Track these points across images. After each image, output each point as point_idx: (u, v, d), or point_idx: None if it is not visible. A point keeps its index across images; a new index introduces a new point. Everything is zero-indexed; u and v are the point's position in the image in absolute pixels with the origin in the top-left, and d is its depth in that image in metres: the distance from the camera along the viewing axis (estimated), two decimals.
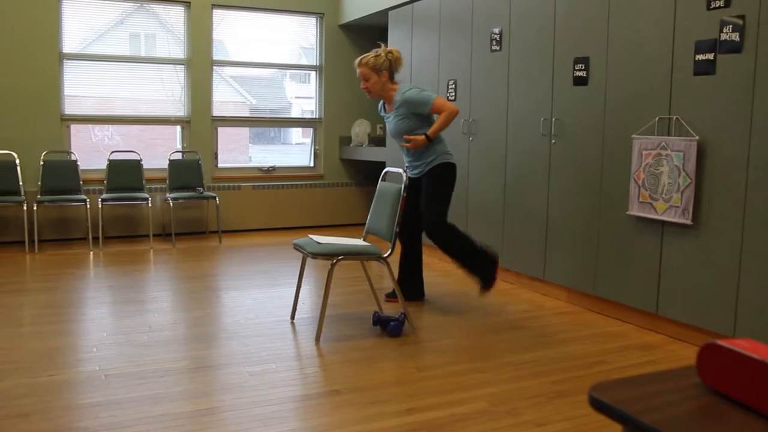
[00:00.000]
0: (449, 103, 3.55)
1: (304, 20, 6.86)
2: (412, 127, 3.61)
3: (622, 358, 3.03)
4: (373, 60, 3.57)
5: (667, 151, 3.25)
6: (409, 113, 3.57)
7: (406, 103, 3.56)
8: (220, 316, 3.64)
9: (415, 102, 3.55)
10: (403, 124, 3.60)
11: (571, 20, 3.84)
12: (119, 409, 2.38)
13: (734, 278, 2.99)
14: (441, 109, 3.54)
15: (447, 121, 3.55)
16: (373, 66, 3.56)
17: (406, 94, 3.56)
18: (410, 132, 3.63)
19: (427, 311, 3.78)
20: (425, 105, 3.55)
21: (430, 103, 3.54)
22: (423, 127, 3.63)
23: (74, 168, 5.78)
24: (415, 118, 3.60)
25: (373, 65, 3.56)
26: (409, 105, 3.56)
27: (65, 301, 3.91)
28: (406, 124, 3.60)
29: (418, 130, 3.63)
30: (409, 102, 3.55)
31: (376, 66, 3.57)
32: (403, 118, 3.60)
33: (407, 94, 3.56)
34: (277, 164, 6.83)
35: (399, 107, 3.59)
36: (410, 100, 3.55)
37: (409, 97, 3.56)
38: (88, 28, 5.95)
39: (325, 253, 3.19)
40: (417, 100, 3.54)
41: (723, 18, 2.98)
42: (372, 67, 3.56)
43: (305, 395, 2.55)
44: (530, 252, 4.26)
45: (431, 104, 3.54)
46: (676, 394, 0.86)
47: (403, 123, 3.60)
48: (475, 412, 2.42)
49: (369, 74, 3.58)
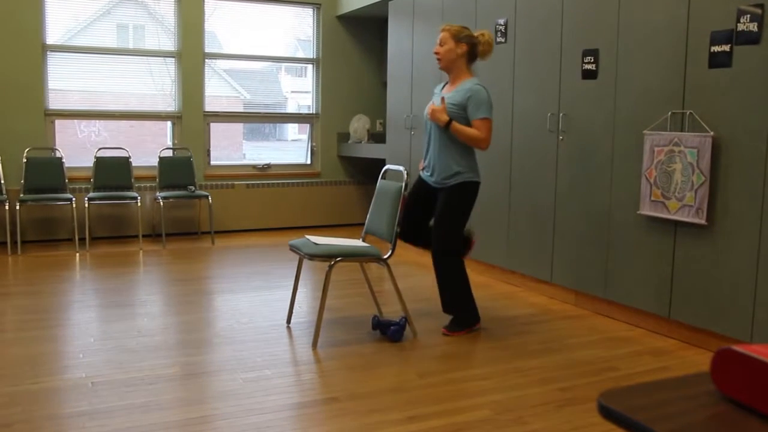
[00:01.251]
0: (490, 135, 3.32)
1: (300, 11, 6.82)
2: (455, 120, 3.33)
3: (633, 364, 3.01)
4: (458, 28, 3.38)
5: (680, 147, 3.19)
6: (462, 107, 3.32)
7: (470, 93, 3.29)
8: (213, 321, 3.60)
9: (476, 100, 3.28)
10: (451, 111, 3.34)
11: (579, 11, 3.81)
12: (107, 419, 2.36)
13: (751, 281, 2.95)
14: (480, 129, 3.28)
15: (471, 138, 3.29)
16: (455, 33, 3.36)
17: (478, 87, 3.32)
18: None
19: (428, 315, 3.75)
20: (479, 111, 3.28)
21: (482, 114, 3.28)
22: None
23: (59, 165, 5.72)
24: (465, 115, 3.33)
25: (455, 33, 3.36)
26: (471, 99, 3.29)
27: (50, 305, 3.87)
28: (453, 112, 3.33)
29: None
30: (474, 96, 3.29)
31: (458, 35, 3.36)
32: (456, 105, 3.33)
33: (478, 87, 3.31)
34: (273, 162, 6.78)
35: (461, 93, 3.33)
36: (475, 95, 3.29)
37: (477, 92, 3.29)
38: (73, 19, 5.89)
39: (323, 254, 3.16)
40: (480, 100, 3.28)
41: (740, 7, 2.93)
42: (453, 33, 3.36)
43: (302, 403, 2.53)
44: (536, 253, 4.22)
45: (482, 116, 3.28)
46: (690, 401, 0.85)
47: (451, 109, 3.34)
48: (478, 420, 2.40)
49: (447, 40, 3.36)
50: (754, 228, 2.92)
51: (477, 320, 3.46)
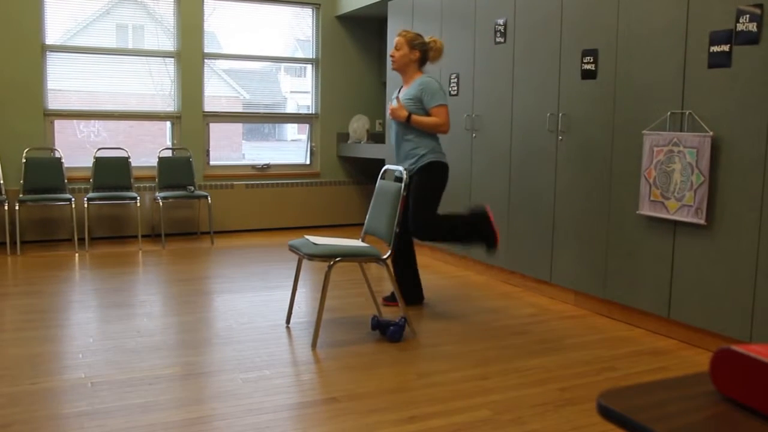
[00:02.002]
0: (448, 120, 3.66)
1: (299, 11, 6.80)
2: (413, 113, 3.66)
3: (633, 364, 3.00)
4: (413, 35, 3.74)
5: (679, 147, 3.18)
6: (417, 99, 3.66)
7: (422, 86, 3.65)
8: (213, 321, 3.59)
9: (429, 90, 3.63)
10: (407, 105, 3.68)
11: (578, 11, 3.80)
12: (107, 419, 2.35)
13: (750, 281, 2.94)
14: (438, 115, 3.62)
15: (430, 126, 3.63)
16: (410, 40, 3.72)
17: (428, 79, 3.68)
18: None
19: (428, 315, 3.75)
20: (434, 99, 3.62)
21: (437, 102, 3.63)
22: None
23: (58, 166, 5.70)
24: (420, 107, 3.67)
25: (409, 39, 3.73)
26: (423, 90, 3.64)
27: (49, 305, 3.86)
28: (410, 105, 3.67)
29: None
30: (425, 88, 3.64)
31: (412, 42, 3.72)
32: (411, 99, 3.67)
33: (429, 80, 3.67)
34: (272, 162, 6.77)
35: (414, 87, 3.69)
36: (427, 87, 3.64)
37: (429, 83, 3.65)
38: (73, 19, 5.88)
39: (322, 254, 3.15)
40: (432, 90, 3.63)
41: (739, 7, 2.93)
42: (408, 40, 3.72)
43: (301, 403, 2.53)
44: (536, 253, 4.21)
45: (437, 104, 3.63)
46: (689, 402, 0.85)
47: (407, 103, 3.68)
48: (477, 420, 2.39)
49: (402, 45, 3.73)
50: (753, 228, 2.91)
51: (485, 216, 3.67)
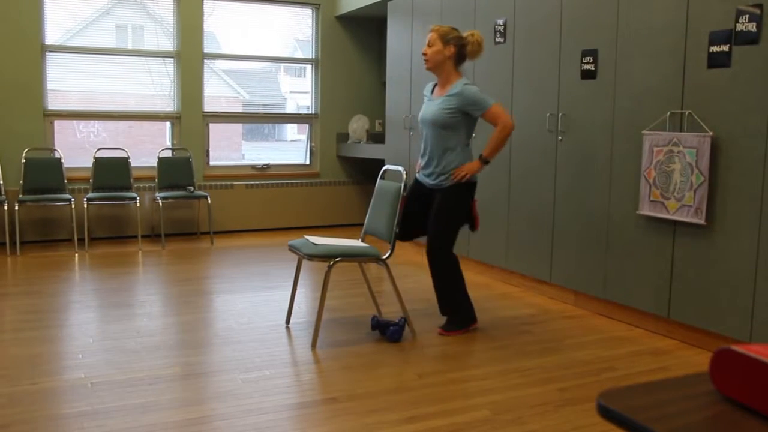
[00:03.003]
0: (508, 116, 3.28)
1: (299, 11, 6.80)
2: (450, 125, 3.31)
3: (632, 364, 3.00)
4: (446, 29, 3.35)
5: (679, 147, 3.18)
6: (458, 109, 3.29)
7: (463, 95, 3.28)
8: (212, 321, 3.59)
9: (471, 99, 3.27)
10: (445, 116, 3.30)
11: (578, 11, 3.79)
12: (106, 419, 2.35)
13: (750, 281, 2.94)
14: (496, 119, 3.27)
15: (504, 140, 3.28)
16: (443, 34, 3.33)
17: (467, 87, 3.30)
18: (446, 127, 3.32)
19: (427, 315, 3.74)
20: (480, 107, 3.28)
21: (486, 107, 3.27)
22: (459, 132, 3.33)
23: (58, 166, 5.69)
24: (461, 118, 3.31)
25: (443, 34, 3.33)
26: (465, 100, 3.27)
27: (49, 305, 3.85)
28: (448, 117, 3.30)
29: (454, 131, 3.33)
30: (466, 96, 3.27)
31: (446, 36, 3.33)
32: (450, 110, 3.30)
33: (468, 87, 3.30)
34: (272, 162, 6.76)
35: (452, 96, 3.31)
36: (468, 95, 3.27)
37: (469, 91, 3.28)
38: (72, 19, 5.87)
39: (322, 254, 3.14)
40: (475, 97, 3.27)
41: (739, 7, 2.93)
42: (441, 34, 3.33)
43: (301, 403, 2.52)
44: (536, 253, 4.20)
45: (487, 108, 3.27)
46: (689, 402, 0.85)
47: (445, 114, 3.30)
48: (477, 420, 2.39)
49: (435, 41, 3.33)
50: (753, 228, 2.91)
51: (473, 320, 3.46)
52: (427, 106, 3.44)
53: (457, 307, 3.42)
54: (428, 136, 3.42)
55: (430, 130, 3.39)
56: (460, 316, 3.42)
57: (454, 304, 3.41)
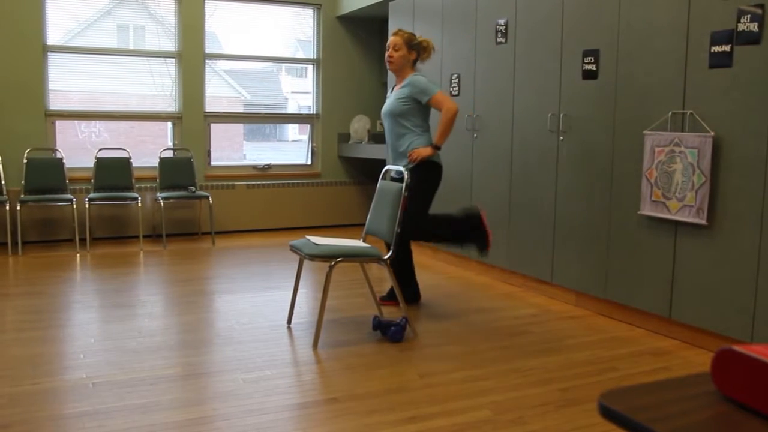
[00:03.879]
0: (450, 101, 3.63)
1: (300, 11, 6.80)
2: (405, 112, 3.70)
3: (634, 365, 2.99)
4: (410, 35, 3.76)
5: (680, 147, 3.18)
6: (409, 97, 3.69)
7: (411, 84, 3.68)
8: (214, 321, 3.59)
9: (418, 87, 3.66)
10: (398, 105, 3.71)
11: (580, 11, 3.79)
12: (107, 419, 2.34)
13: (752, 281, 2.93)
14: (440, 104, 3.63)
15: (449, 123, 3.63)
16: (408, 41, 3.74)
17: (416, 77, 3.71)
18: (401, 115, 3.70)
19: (429, 316, 3.74)
20: (425, 94, 3.65)
21: (430, 94, 3.64)
22: (413, 118, 3.70)
23: (60, 166, 5.69)
24: (413, 106, 3.70)
25: (408, 40, 3.74)
26: (413, 88, 3.67)
27: (50, 305, 3.85)
28: (401, 105, 3.70)
29: (409, 118, 3.70)
30: (414, 84, 3.67)
31: (411, 42, 3.75)
32: (403, 99, 3.70)
33: (416, 77, 3.71)
34: (273, 162, 6.76)
35: (403, 87, 3.72)
36: (415, 83, 3.67)
37: (416, 80, 3.68)
38: (74, 19, 5.88)
39: (323, 254, 3.15)
40: (421, 85, 3.66)
41: (740, 7, 2.92)
42: (406, 41, 3.74)
43: (302, 403, 2.52)
44: (537, 254, 4.20)
45: (431, 95, 3.64)
46: (690, 402, 0.85)
47: (398, 104, 3.71)
48: (478, 420, 2.39)
49: (401, 46, 3.74)
50: (754, 228, 2.90)
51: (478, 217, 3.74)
52: (387, 103, 3.85)
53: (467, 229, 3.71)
54: (388, 126, 3.82)
55: (389, 120, 3.78)
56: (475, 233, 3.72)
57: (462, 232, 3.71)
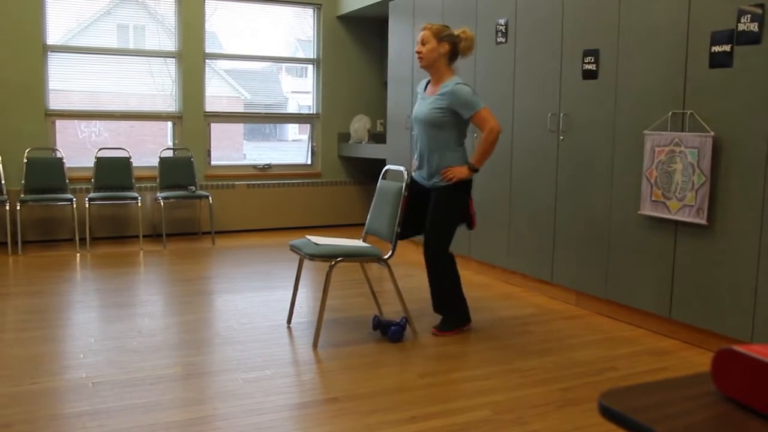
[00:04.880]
0: (494, 120, 3.27)
1: (300, 11, 6.79)
2: (441, 124, 3.32)
3: (634, 364, 2.99)
4: (439, 27, 3.37)
5: (680, 147, 3.17)
6: (449, 108, 3.29)
7: (454, 95, 3.27)
8: (214, 321, 3.58)
9: (462, 99, 3.26)
10: (436, 115, 3.31)
11: (580, 11, 3.79)
12: (108, 419, 2.34)
13: (751, 281, 2.93)
14: (483, 123, 3.26)
15: (492, 145, 3.28)
16: (437, 32, 3.34)
17: (459, 87, 3.28)
18: (438, 127, 3.33)
19: (429, 315, 3.74)
20: (470, 108, 3.26)
21: (475, 109, 3.26)
22: (451, 132, 3.34)
23: (60, 166, 5.69)
24: (451, 118, 3.32)
25: (436, 31, 3.34)
26: (455, 99, 3.27)
27: (50, 305, 3.84)
28: (439, 116, 3.31)
29: (444, 131, 3.34)
30: (457, 96, 3.26)
31: (440, 33, 3.34)
32: (441, 109, 3.31)
33: (459, 87, 3.28)
34: (273, 162, 6.75)
35: (443, 95, 3.31)
36: (459, 95, 3.26)
37: (460, 91, 3.27)
38: (74, 19, 5.88)
39: (323, 254, 3.14)
40: (465, 98, 3.26)
41: (741, 7, 2.92)
42: (435, 32, 3.34)
43: (302, 403, 2.52)
44: (537, 253, 4.20)
45: (476, 111, 3.26)
46: (690, 402, 0.84)
47: (436, 113, 3.31)
48: (478, 420, 2.38)
49: (429, 38, 3.33)
50: (754, 228, 2.90)
51: (467, 321, 3.45)
52: (419, 105, 3.43)
53: (452, 307, 3.41)
54: (421, 134, 3.43)
55: (423, 129, 3.39)
56: (454, 316, 3.42)
57: (448, 303, 3.41)
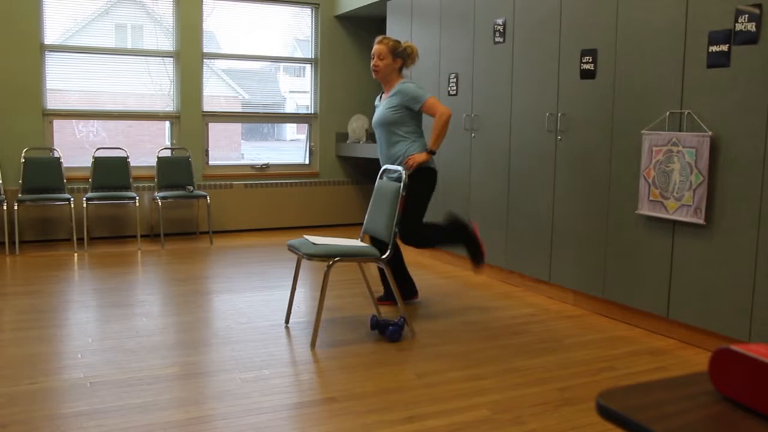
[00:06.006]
0: (442, 106, 3.59)
1: (298, 11, 6.79)
2: (397, 121, 3.65)
3: (632, 364, 3.00)
4: (394, 43, 3.70)
5: (678, 147, 3.18)
6: (400, 105, 3.64)
7: (401, 93, 3.64)
8: (211, 321, 3.58)
9: (409, 94, 3.62)
10: (390, 114, 3.66)
11: (578, 10, 3.79)
12: (105, 419, 2.34)
13: (749, 280, 2.93)
14: (432, 110, 3.59)
15: (443, 127, 3.58)
16: (392, 48, 3.69)
17: (405, 85, 3.66)
18: (393, 124, 3.66)
19: (427, 315, 3.74)
20: (417, 101, 3.61)
21: (421, 101, 3.61)
22: (408, 126, 3.66)
23: (57, 165, 5.68)
24: (405, 113, 3.65)
25: (392, 47, 3.69)
26: (403, 96, 3.63)
27: (48, 305, 3.84)
28: (393, 114, 3.65)
29: (402, 126, 3.66)
30: (404, 93, 3.63)
31: (396, 49, 3.69)
32: (394, 108, 3.65)
33: (405, 85, 3.66)
34: (271, 161, 6.75)
35: (393, 96, 3.67)
36: (405, 91, 3.63)
37: (406, 88, 3.64)
38: (72, 18, 5.86)
39: (321, 254, 3.14)
40: (411, 93, 3.62)
41: (738, 7, 2.93)
42: (391, 48, 3.69)
43: (300, 403, 2.52)
44: (535, 253, 4.19)
45: (423, 102, 3.61)
46: (688, 401, 0.85)
47: (390, 113, 3.66)
48: (476, 420, 2.39)
49: (386, 54, 3.68)
50: (752, 227, 2.91)
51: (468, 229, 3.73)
52: (377, 112, 3.79)
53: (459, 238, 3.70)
54: (380, 136, 3.76)
55: (381, 130, 3.73)
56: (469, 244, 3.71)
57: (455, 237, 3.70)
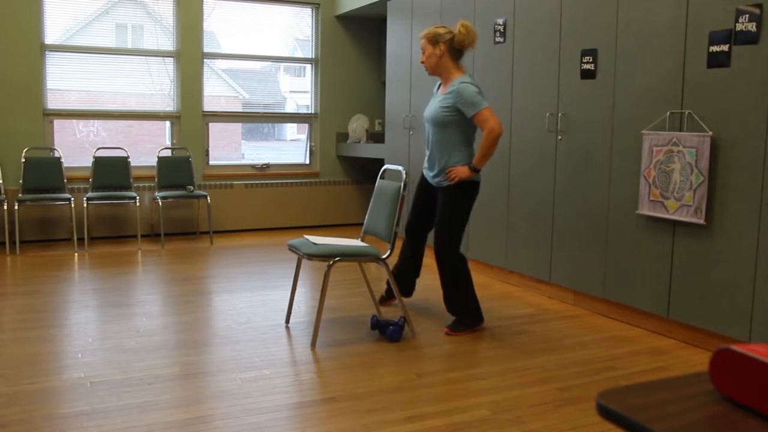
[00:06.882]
0: (496, 120, 3.21)
1: (299, 11, 6.79)
2: (448, 122, 3.31)
3: (632, 364, 3.00)
4: (433, 30, 3.32)
5: (678, 147, 3.17)
6: (454, 106, 3.28)
7: (457, 93, 3.25)
8: (212, 321, 3.58)
9: (465, 98, 3.24)
10: (442, 114, 3.31)
11: (578, 10, 3.79)
12: (105, 419, 2.34)
13: (749, 281, 2.93)
14: (484, 123, 3.22)
15: (491, 146, 3.23)
16: (431, 38, 3.32)
17: (463, 85, 3.26)
18: (444, 125, 3.33)
19: (427, 315, 3.74)
20: (472, 107, 3.23)
21: (477, 109, 3.22)
22: (456, 131, 3.32)
23: (58, 165, 5.69)
24: (457, 117, 3.30)
25: (430, 37, 3.32)
26: (458, 97, 3.25)
27: (48, 305, 3.84)
28: (445, 115, 3.30)
29: (452, 129, 3.33)
30: (460, 94, 3.24)
31: (435, 37, 3.31)
32: (447, 107, 3.30)
33: (464, 86, 3.25)
34: (271, 161, 6.75)
35: (449, 93, 3.29)
36: (462, 94, 3.24)
37: (464, 90, 3.24)
38: (72, 18, 5.87)
39: (322, 254, 3.14)
40: (468, 97, 3.23)
41: (739, 7, 2.92)
42: (429, 38, 3.32)
43: (300, 403, 2.52)
44: (535, 253, 4.20)
45: (478, 110, 3.22)
46: (688, 401, 0.85)
47: (441, 112, 3.31)
48: (476, 420, 2.39)
49: (425, 46, 3.34)
50: (752, 227, 2.91)
51: (480, 320, 3.46)
52: (430, 104, 3.46)
53: (464, 307, 3.42)
54: (430, 133, 3.45)
55: (431, 128, 3.42)
56: (467, 316, 3.42)
57: (461, 303, 3.42)
